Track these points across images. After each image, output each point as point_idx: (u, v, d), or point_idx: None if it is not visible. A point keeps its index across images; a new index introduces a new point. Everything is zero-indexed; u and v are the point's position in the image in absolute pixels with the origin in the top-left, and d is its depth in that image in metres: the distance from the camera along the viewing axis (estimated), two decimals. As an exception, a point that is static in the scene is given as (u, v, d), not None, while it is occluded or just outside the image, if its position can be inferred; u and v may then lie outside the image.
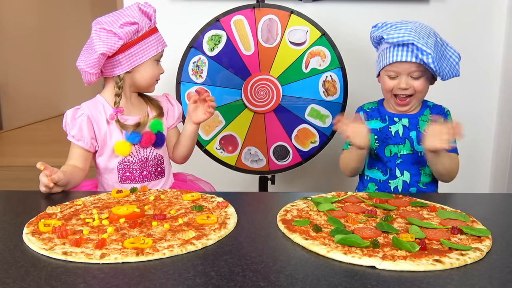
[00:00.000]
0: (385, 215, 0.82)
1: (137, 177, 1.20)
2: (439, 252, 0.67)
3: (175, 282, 0.59)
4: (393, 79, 1.21)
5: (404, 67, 1.18)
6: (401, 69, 1.19)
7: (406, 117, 1.25)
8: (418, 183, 1.24)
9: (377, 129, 1.26)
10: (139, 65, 1.18)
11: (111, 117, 1.16)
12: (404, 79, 1.19)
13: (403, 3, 1.81)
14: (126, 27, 1.13)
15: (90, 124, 1.16)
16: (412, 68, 1.18)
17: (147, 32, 1.18)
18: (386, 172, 1.26)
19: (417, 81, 1.20)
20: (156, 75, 1.22)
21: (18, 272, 0.62)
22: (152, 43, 1.19)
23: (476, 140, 1.91)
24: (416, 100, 1.23)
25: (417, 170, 1.24)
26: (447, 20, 1.81)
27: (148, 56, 1.18)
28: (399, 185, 1.25)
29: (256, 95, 1.58)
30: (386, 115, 1.27)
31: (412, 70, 1.18)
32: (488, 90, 1.88)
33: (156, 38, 1.20)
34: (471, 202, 0.98)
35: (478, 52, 1.85)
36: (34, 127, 4.11)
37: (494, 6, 1.81)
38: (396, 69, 1.20)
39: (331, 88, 1.59)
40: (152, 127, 1.21)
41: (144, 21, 1.17)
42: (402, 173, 1.24)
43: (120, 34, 1.12)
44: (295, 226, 0.77)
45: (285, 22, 1.56)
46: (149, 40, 1.18)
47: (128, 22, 1.13)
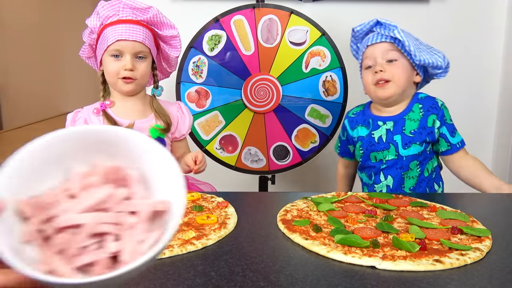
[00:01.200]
0: (385, 215, 0.82)
1: None
2: (439, 252, 0.67)
3: (175, 282, 0.59)
4: (370, 69, 1.21)
5: (377, 49, 1.19)
6: (374, 52, 1.20)
7: (391, 120, 1.22)
8: (402, 188, 1.22)
9: (363, 136, 1.25)
10: (102, 62, 1.18)
11: (96, 111, 1.18)
12: (379, 63, 1.19)
13: (403, 3, 1.81)
14: (84, 31, 1.19)
15: None
16: (384, 48, 1.18)
17: (101, 28, 1.16)
18: (371, 176, 1.25)
19: (393, 64, 1.18)
20: (111, 71, 1.15)
21: (18, 272, 0.62)
22: (104, 38, 1.15)
23: (476, 140, 1.91)
24: (396, 87, 1.18)
25: (400, 176, 1.21)
26: (447, 20, 1.81)
27: (100, 52, 1.17)
28: (383, 189, 1.23)
29: (256, 95, 1.59)
30: (370, 118, 1.25)
31: (385, 50, 1.18)
32: (488, 90, 1.88)
33: (109, 32, 1.13)
34: (471, 202, 0.98)
35: (478, 52, 1.85)
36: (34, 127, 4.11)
37: (494, 6, 1.81)
38: (369, 55, 1.21)
39: (331, 88, 1.59)
40: (151, 132, 1.20)
41: (96, 19, 1.17)
42: (386, 178, 1.22)
43: (83, 38, 1.19)
44: (295, 226, 0.77)
45: (285, 22, 1.56)
46: (102, 36, 1.16)
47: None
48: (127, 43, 1.14)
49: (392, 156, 1.21)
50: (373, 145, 1.22)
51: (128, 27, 1.14)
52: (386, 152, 1.21)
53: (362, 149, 1.25)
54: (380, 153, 1.22)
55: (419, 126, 1.20)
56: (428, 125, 1.20)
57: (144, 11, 1.16)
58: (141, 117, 1.21)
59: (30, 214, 0.36)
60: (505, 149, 1.84)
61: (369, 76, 1.22)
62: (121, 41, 1.13)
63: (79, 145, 0.40)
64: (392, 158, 1.21)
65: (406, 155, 1.20)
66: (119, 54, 1.14)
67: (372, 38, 1.21)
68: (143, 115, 1.22)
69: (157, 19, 1.19)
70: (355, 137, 1.28)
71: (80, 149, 0.40)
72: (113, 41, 1.12)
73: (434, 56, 1.21)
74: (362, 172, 1.29)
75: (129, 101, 1.21)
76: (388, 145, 1.21)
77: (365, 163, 1.25)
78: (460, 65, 1.82)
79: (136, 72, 1.15)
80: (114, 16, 1.14)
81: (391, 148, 1.20)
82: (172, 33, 1.22)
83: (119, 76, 1.15)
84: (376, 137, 1.22)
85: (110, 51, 1.13)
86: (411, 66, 1.21)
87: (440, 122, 1.21)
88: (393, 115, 1.23)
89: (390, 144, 1.20)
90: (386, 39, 1.17)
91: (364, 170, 1.28)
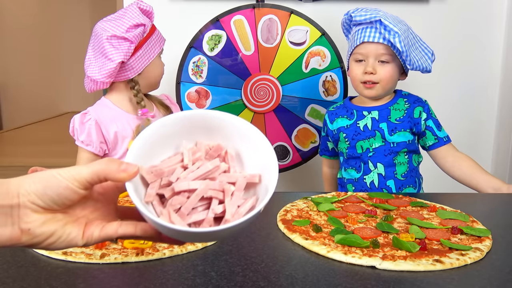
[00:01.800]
0: (385, 215, 0.82)
1: None
2: (439, 252, 0.67)
3: (175, 282, 0.59)
4: (361, 64, 1.19)
5: (372, 48, 1.16)
6: (368, 51, 1.17)
7: (376, 110, 1.22)
8: (395, 175, 1.21)
9: (345, 127, 1.24)
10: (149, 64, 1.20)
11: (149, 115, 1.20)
12: (371, 63, 1.17)
13: (403, 3, 1.81)
14: (134, 30, 1.12)
15: (99, 128, 1.15)
16: (380, 50, 1.16)
17: (150, 30, 1.19)
18: (359, 169, 1.23)
19: (385, 67, 1.17)
20: (163, 70, 1.26)
21: (18, 272, 0.62)
22: (156, 40, 1.21)
23: (476, 141, 1.91)
24: (382, 89, 1.19)
25: (391, 161, 1.20)
26: (447, 20, 1.81)
27: (155, 54, 1.21)
28: (375, 179, 1.21)
29: (256, 95, 1.59)
30: (353, 109, 1.24)
31: (380, 53, 1.16)
32: (488, 90, 1.88)
33: (157, 35, 1.22)
34: (471, 202, 0.98)
35: (478, 52, 1.84)
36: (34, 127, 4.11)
37: (494, 7, 1.81)
38: (363, 51, 1.18)
39: (331, 88, 1.59)
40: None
41: (147, 20, 1.18)
42: (375, 166, 1.21)
43: (132, 39, 1.11)
44: (295, 226, 0.77)
45: (285, 22, 1.56)
46: (153, 38, 1.20)
47: (134, 24, 1.13)
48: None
49: (379, 143, 1.20)
50: (358, 133, 1.21)
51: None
52: (372, 139, 1.20)
53: (348, 139, 1.23)
54: (366, 141, 1.20)
55: (404, 115, 1.20)
56: (415, 116, 1.21)
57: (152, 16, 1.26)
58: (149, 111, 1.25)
59: (151, 180, 0.45)
60: (505, 149, 1.84)
61: (358, 71, 1.19)
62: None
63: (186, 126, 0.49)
64: (380, 145, 1.20)
65: (393, 141, 1.19)
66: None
67: (369, 35, 1.17)
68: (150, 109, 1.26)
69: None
70: (334, 130, 1.27)
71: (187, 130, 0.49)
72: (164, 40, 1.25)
73: (425, 57, 1.21)
74: (349, 167, 1.25)
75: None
76: (374, 133, 1.20)
77: (352, 153, 1.23)
78: (460, 65, 1.82)
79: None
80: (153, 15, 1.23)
81: (377, 135, 1.19)
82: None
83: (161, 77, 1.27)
84: (361, 126, 1.21)
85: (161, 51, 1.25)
86: (400, 67, 1.21)
87: (427, 114, 1.21)
88: (378, 105, 1.23)
89: (376, 131, 1.20)
90: (383, 41, 1.15)
91: (350, 164, 1.25)
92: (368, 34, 1.17)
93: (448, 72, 1.82)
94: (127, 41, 1.11)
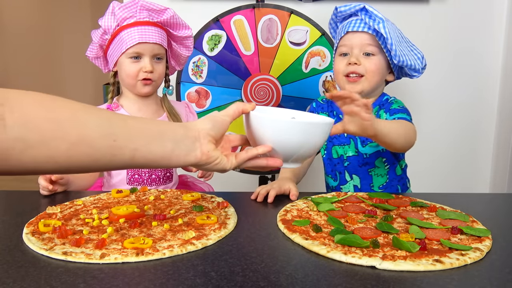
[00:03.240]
0: (385, 215, 0.82)
1: (146, 180, 1.20)
2: (439, 252, 0.67)
3: (175, 282, 0.59)
4: (345, 57, 1.15)
5: (356, 40, 1.13)
6: (353, 42, 1.13)
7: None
8: (372, 187, 1.18)
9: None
10: (117, 64, 1.19)
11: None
12: (356, 54, 1.13)
13: (403, 3, 1.81)
14: (96, 31, 1.18)
15: None
16: (365, 40, 1.12)
17: (117, 30, 1.15)
18: (336, 177, 1.21)
19: (370, 59, 1.12)
20: (130, 73, 1.15)
21: (18, 272, 0.62)
22: (121, 40, 1.15)
23: (476, 140, 1.91)
24: (368, 84, 1.13)
25: (366, 173, 1.16)
26: (447, 21, 1.81)
27: (118, 54, 1.16)
28: (351, 190, 1.18)
29: (256, 95, 1.59)
30: (334, 110, 1.22)
31: (364, 43, 1.12)
32: (488, 90, 1.88)
33: (126, 34, 1.14)
34: (471, 202, 0.98)
35: (478, 52, 1.84)
36: (34, 127, 4.11)
37: (494, 7, 1.81)
38: (347, 43, 1.14)
39: (331, 88, 1.59)
40: None
41: (111, 20, 1.15)
42: (351, 177, 1.18)
43: (93, 38, 1.18)
44: (295, 226, 0.77)
45: (285, 22, 1.56)
46: (118, 37, 1.15)
47: (99, 24, 1.17)
48: (147, 46, 1.15)
49: (352, 152, 1.17)
50: (334, 137, 1.19)
51: (146, 29, 1.15)
52: (347, 147, 1.17)
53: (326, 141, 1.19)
54: (341, 147, 1.18)
55: None
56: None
57: (161, 12, 1.17)
58: (155, 117, 1.22)
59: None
60: (505, 149, 1.84)
61: (341, 64, 1.15)
62: (141, 43, 1.14)
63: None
64: (353, 155, 1.17)
65: (365, 153, 1.16)
66: (138, 56, 1.16)
67: (354, 25, 1.13)
68: (156, 115, 1.23)
69: (173, 20, 1.19)
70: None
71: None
72: (133, 43, 1.13)
73: (413, 56, 1.16)
74: (328, 174, 1.24)
75: (143, 101, 1.22)
76: (348, 140, 1.17)
77: (328, 157, 1.21)
78: (460, 65, 1.82)
79: (154, 74, 1.17)
80: (131, 18, 1.15)
81: (351, 144, 1.17)
82: (187, 33, 1.23)
83: (138, 78, 1.16)
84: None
85: (129, 53, 1.15)
86: (387, 64, 1.16)
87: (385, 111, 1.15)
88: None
89: (350, 139, 1.17)
90: (368, 30, 1.11)
91: (328, 172, 1.23)
92: (353, 24, 1.14)
93: (448, 72, 1.82)
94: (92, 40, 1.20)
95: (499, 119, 1.88)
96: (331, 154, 1.21)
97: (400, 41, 1.15)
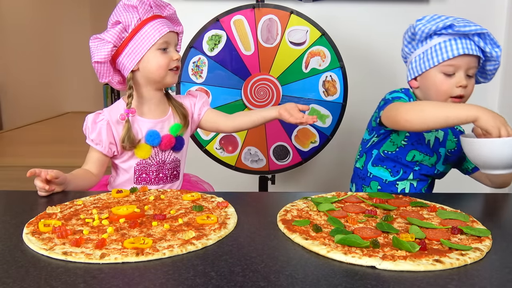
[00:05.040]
0: (385, 215, 0.82)
1: (153, 179, 1.20)
2: (439, 252, 0.67)
3: (175, 282, 0.59)
4: (449, 77, 1.11)
5: (465, 61, 1.10)
6: (462, 63, 1.10)
7: (443, 130, 1.18)
8: (422, 188, 1.22)
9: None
10: (142, 60, 1.14)
11: (122, 117, 1.15)
12: (463, 76, 1.11)
13: (403, 3, 1.81)
14: (111, 29, 1.12)
15: (110, 130, 1.15)
16: (472, 63, 1.10)
17: (139, 25, 1.13)
18: (396, 174, 1.20)
19: (471, 81, 1.13)
20: (163, 64, 1.15)
21: (18, 272, 0.62)
22: (146, 34, 1.14)
23: (476, 140, 1.91)
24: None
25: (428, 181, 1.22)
26: (447, 20, 1.81)
27: (146, 48, 1.14)
28: (407, 187, 1.20)
29: (256, 95, 1.59)
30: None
31: (471, 66, 1.11)
32: (488, 90, 1.88)
33: (151, 27, 1.14)
34: (471, 202, 0.98)
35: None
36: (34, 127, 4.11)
37: (494, 7, 1.81)
38: (457, 63, 1.10)
39: (331, 88, 1.59)
40: (172, 130, 1.19)
41: (129, 16, 1.13)
42: (414, 177, 1.20)
43: (107, 38, 1.12)
44: (295, 226, 0.77)
45: (285, 22, 1.56)
46: (143, 32, 1.14)
47: (114, 23, 1.13)
48: (173, 35, 1.17)
49: (429, 164, 1.20)
50: (421, 144, 1.17)
51: (166, 21, 1.17)
52: (428, 158, 1.18)
53: (407, 141, 1.17)
54: (422, 155, 1.18)
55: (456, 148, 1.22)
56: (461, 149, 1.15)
57: (165, 7, 1.20)
58: (163, 114, 1.21)
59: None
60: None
61: (448, 85, 1.12)
62: (169, 33, 1.15)
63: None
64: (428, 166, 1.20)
65: (439, 169, 1.20)
66: (166, 47, 1.16)
67: (469, 47, 1.09)
68: (164, 113, 1.22)
69: (174, 16, 1.22)
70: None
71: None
72: (164, 33, 1.14)
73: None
74: (379, 166, 1.21)
75: (155, 99, 1.21)
76: (432, 153, 1.18)
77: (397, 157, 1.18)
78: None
79: (179, 61, 1.20)
80: (149, 12, 1.15)
81: (433, 157, 1.18)
82: (181, 30, 1.26)
83: (169, 67, 1.17)
84: (426, 139, 1.18)
85: (159, 44, 1.14)
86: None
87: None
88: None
89: (435, 153, 1.19)
90: (477, 53, 1.09)
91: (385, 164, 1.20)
92: (467, 46, 1.09)
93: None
94: (103, 41, 1.13)
95: (499, 119, 1.88)
96: (405, 155, 1.18)
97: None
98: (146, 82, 1.18)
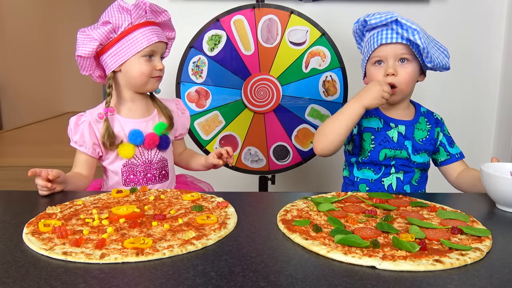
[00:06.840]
0: (385, 215, 0.82)
1: (141, 180, 1.20)
2: (439, 252, 0.67)
3: (175, 282, 0.59)
4: (380, 66, 1.16)
5: (390, 50, 1.14)
6: (387, 53, 1.14)
7: (403, 124, 1.20)
8: (411, 180, 1.22)
9: (375, 129, 1.21)
10: (125, 63, 1.15)
11: (100, 116, 1.16)
12: (392, 64, 1.14)
13: (403, 3, 1.81)
14: (101, 28, 1.13)
15: (92, 130, 1.15)
16: (399, 50, 1.13)
17: (129, 28, 1.13)
18: (378, 171, 1.22)
19: (405, 67, 1.14)
20: (145, 72, 1.15)
21: (18, 272, 0.62)
22: (136, 39, 1.13)
23: (476, 140, 1.91)
24: (401, 94, 1.17)
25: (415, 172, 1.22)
26: (447, 21, 1.81)
27: (131, 53, 1.14)
28: (393, 182, 1.21)
29: (256, 95, 1.59)
30: (382, 118, 1.22)
31: (399, 53, 1.14)
32: (488, 90, 1.88)
33: (141, 34, 1.13)
34: (471, 202, 0.98)
35: (478, 52, 1.85)
36: (34, 127, 4.11)
37: (494, 7, 1.81)
38: (381, 54, 1.15)
39: (331, 88, 1.59)
40: (156, 129, 1.20)
41: (121, 18, 1.13)
42: (396, 171, 1.21)
43: (95, 36, 1.12)
44: (295, 226, 0.77)
45: (285, 22, 1.56)
46: (131, 37, 1.13)
47: (104, 22, 1.13)
48: (160, 44, 1.18)
49: (403, 157, 1.20)
50: (387, 141, 1.20)
51: (157, 29, 1.18)
52: (398, 152, 1.19)
53: (374, 143, 1.20)
54: (392, 151, 1.19)
55: (428, 136, 1.22)
56: (435, 137, 1.24)
57: (161, 13, 1.20)
58: (146, 115, 1.23)
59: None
60: (505, 149, 1.84)
61: (379, 74, 1.16)
62: (157, 43, 1.16)
63: None
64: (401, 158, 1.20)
65: (415, 161, 1.20)
66: (152, 55, 1.17)
67: (387, 37, 1.14)
68: (147, 113, 1.23)
69: (168, 23, 1.24)
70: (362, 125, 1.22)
71: None
72: (152, 42, 1.14)
73: (442, 55, 1.19)
74: (364, 169, 1.23)
75: (136, 100, 1.22)
76: (400, 147, 1.19)
77: (372, 159, 1.21)
78: (460, 65, 1.82)
79: (163, 71, 1.21)
80: (142, 17, 1.15)
81: (402, 151, 1.19)
82: (173, 35, 1.28)
83: (152, 75, 1.18)
84: (390, 136, 1.20)
85: (144, 52, 1.15)
86: (420, 68, 1.19)
87: (442, 134, 1.25)
88: (403, 119, 1.21)
89: (402, 147, 1.20)
90: (402, 40, 1.12)
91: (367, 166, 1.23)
92: (385, 36, 1.14)
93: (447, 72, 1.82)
94: (89, 37, 1.13)
95: (499, 120, 1.88)
96: (378, 156, 1.20)
97: (429, 42, 1.17)
98: (126, 84, 1.20)
